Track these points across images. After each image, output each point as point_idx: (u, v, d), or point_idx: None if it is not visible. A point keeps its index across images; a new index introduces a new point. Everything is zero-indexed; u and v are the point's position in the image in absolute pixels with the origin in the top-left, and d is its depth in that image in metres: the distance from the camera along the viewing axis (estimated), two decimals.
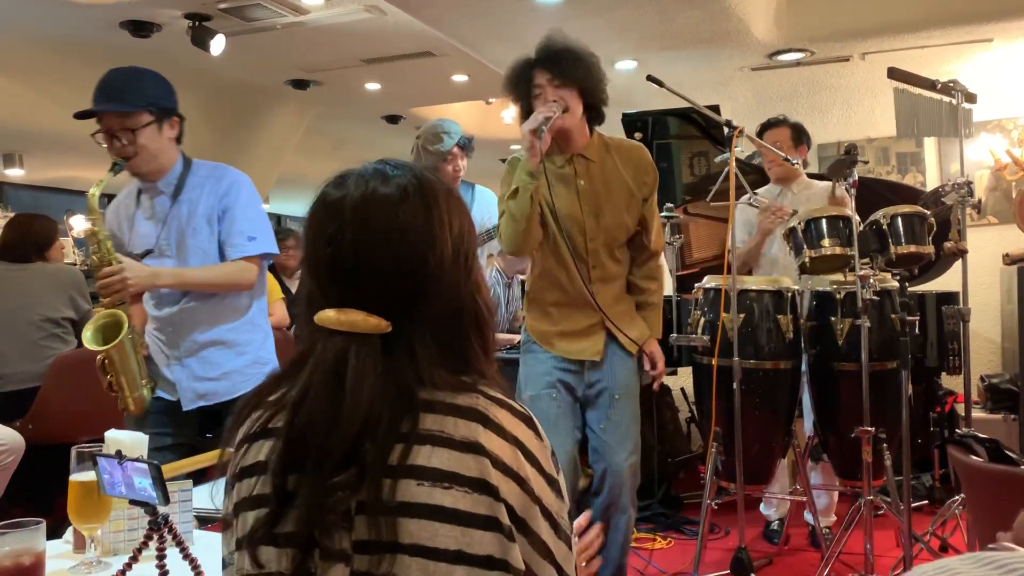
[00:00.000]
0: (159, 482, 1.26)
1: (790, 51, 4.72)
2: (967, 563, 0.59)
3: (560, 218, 2.45)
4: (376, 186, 0.95)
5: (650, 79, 2.81)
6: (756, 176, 3.62)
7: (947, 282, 4.00)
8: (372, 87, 6.17)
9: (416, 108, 6.92)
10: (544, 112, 2.33)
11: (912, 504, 2.90)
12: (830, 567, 2.96)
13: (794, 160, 3.22)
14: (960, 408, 3.77)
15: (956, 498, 3.05)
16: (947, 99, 3.35)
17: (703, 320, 3.04)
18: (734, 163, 2.87)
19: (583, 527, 1.20)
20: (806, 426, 3.29)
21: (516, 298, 3.84)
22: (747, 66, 4.97)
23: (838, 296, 2.96)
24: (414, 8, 4.14)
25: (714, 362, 2.88)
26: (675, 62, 4.82)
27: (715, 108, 3.23)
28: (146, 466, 1.27)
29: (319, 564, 0.88)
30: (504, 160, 2.70)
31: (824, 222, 2.88)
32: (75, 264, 6.01)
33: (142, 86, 2.23)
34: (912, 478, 3.15)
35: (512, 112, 6.83)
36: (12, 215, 4.95)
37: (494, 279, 3.77)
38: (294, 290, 4.82)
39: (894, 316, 2.91)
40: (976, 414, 4.08)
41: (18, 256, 3.68)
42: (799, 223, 2.93)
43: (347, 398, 0.89)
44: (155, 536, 1.31)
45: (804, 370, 3.06)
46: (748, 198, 3.19)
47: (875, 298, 2.78)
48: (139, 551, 1.34)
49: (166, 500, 1.28)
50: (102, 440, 1.53)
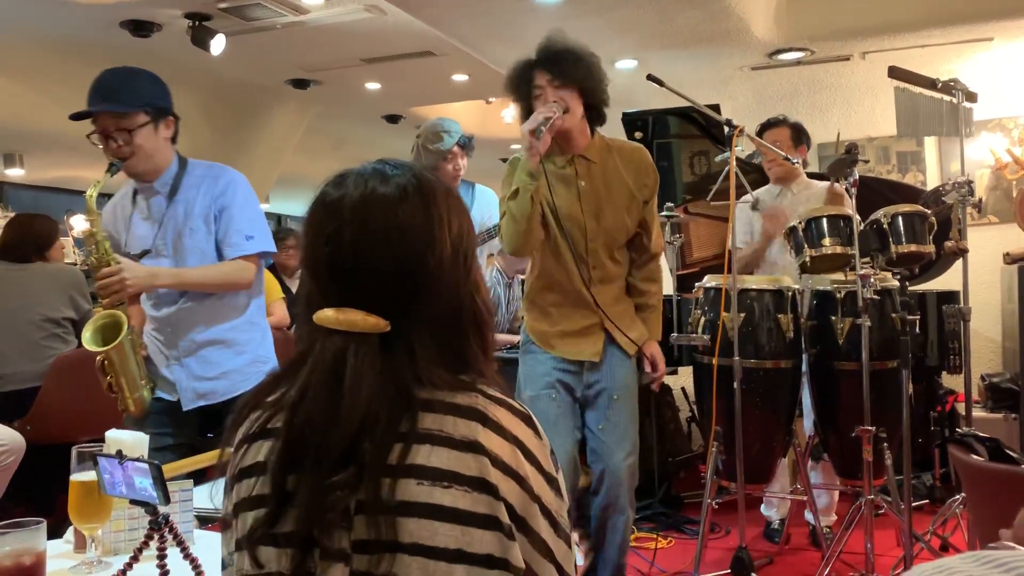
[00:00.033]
0: (160, 482, 1.26)
1: (790, 50, 4.71)
2: (967, 562, 0.59)
3: (560, 219, 2.45)
4: (375, 186, 0.95)
5: (650, 78, 2.81)
6: (756, 175, 3.62)
7: (948, 281, 4.00)
8: (372, 87, 6.16)
9: (416, 108, 6.92)
10: (544, 112, 2.33)
11: (913, 503, 2.90)
12: (831, 566, 2.96)
13: (794, 159, 3.22)
14: (961, 407, 3.77)
15: (957, 497, 3.04)
16: (948, 98, 3.35)
17: (703, 319, 3.04)
18: (734, 162, 2.87)
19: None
20: (806, 425, 3.29)
21: (517, 298, 3.83)
22: (747, 65, 4.96)
23: (839, 295, 2.96)
24: (414, 8, 4.14)
25: (714, 361, 2.89)
26: (675, 61, 4.81)
27: (715, 107, 3.23)
28: (147, 466, 1.27)
29: (319, 564, 0.88)
30: (505, 160, 2.70)
31: (825, 221, 2.88)
32: (75, 264, 6.01)
33: (138, 86, 2.22)
34: (913, 477, 3.15)
35: (512, 111, 6.84)
36: (12, 215, 4.95)
37: (495, 279, 3.76)
38: (294, 290, 4.82)
39: (895, 315, 2.91)
40: (977, 413, 4.08)
41: (18, 256, 3.68)
42: (799, 222, 2.94)
43: (345, 397, 0.89)
44: (156, 536, 1.31)
45: (804, 370, 3.06)
46: (749, 202, 3.19)
47: (876, 297, 2.78)
48: (140, 551, 1.34)
49: (167, 500, 1.28)
50: (103, 440, 1.53)
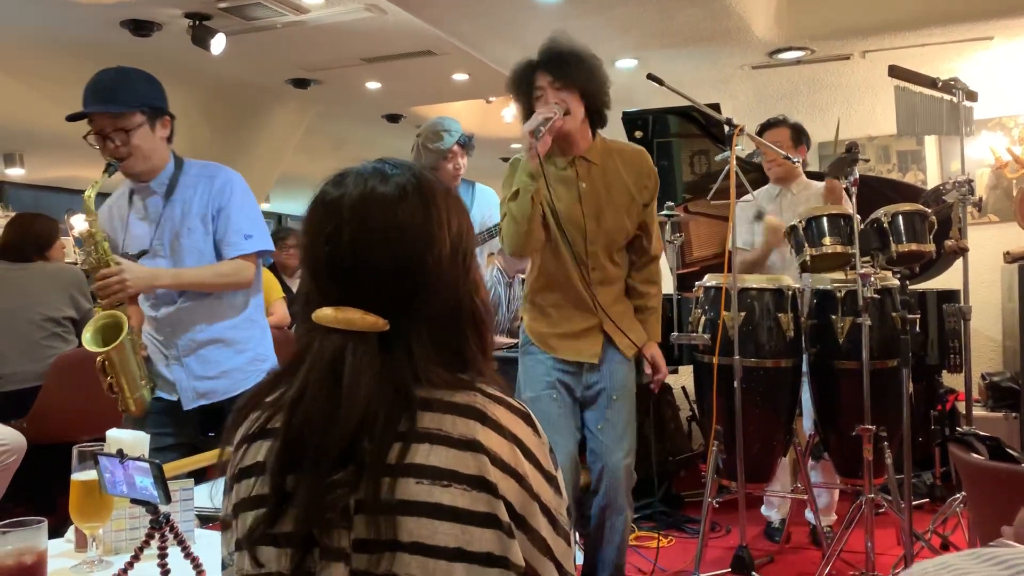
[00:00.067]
0: (160, 481, 1.27)
1: (790, 49, 4.71)
2: (968, 559, 0.59)
3: (561, 220, 2.45)
4: (375, 185, 0.95)
5: (650, 77, 2.81)
6: (757, 174, 3.62)
7: (948, 280, 4.00)
8: (372, 86, 6.16)
9: (416, 107, 6.92)
10: (544, 113, 2.33)
11: (913, 502, 2.90)
12: (831, 565, 2.96)
13: (795, 159, 3.22)
14: (961, 406, 3.77)
15: (957, 496, 3.04)
16: (948, 97, 3.34)
17: (704, 318, 3.04)
18: (735, 161, 2.87)
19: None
20: (805, 425, 3.29)
21: (517, 297, 3.83)
22: (747, 64, 4.96)
23: (839, 294, 2.96)
24: (414, 7, 4.14)
25: (715, 360, 2.89)
26: (675, 60, 4.81)
27: (715, 106, 3.22)
28: (147, 465, 1.27)
29: (319, 563, 0.88)
30: (506, 159, 2.70)
31: (825, 220, 2.88)
32: (76, 263, 6.01)
33: (134, 86, 2.22)
34: (913, 476, 3.15)
35: (512, 111, 6.84)
36: (13, 214, 4.95)
37: (495, 278, 3.76)
38: (294, 289, 4.82)
39: (895, 314, 2.91)
40: (977, 412, 4.07)
41: (19, 256, 3.68)
42: (800, 221, 2.93)
43: (344, 396, 0.89)
44: (157, 535, 1.31)
45: (805, 369, 3.06)
46: (750, 201, 3.19)
47: (876, 296, 2.78)
48: (141, 550, 1.34)
49: (167, 499, 1.28)
50: (103, 439, 1.53)
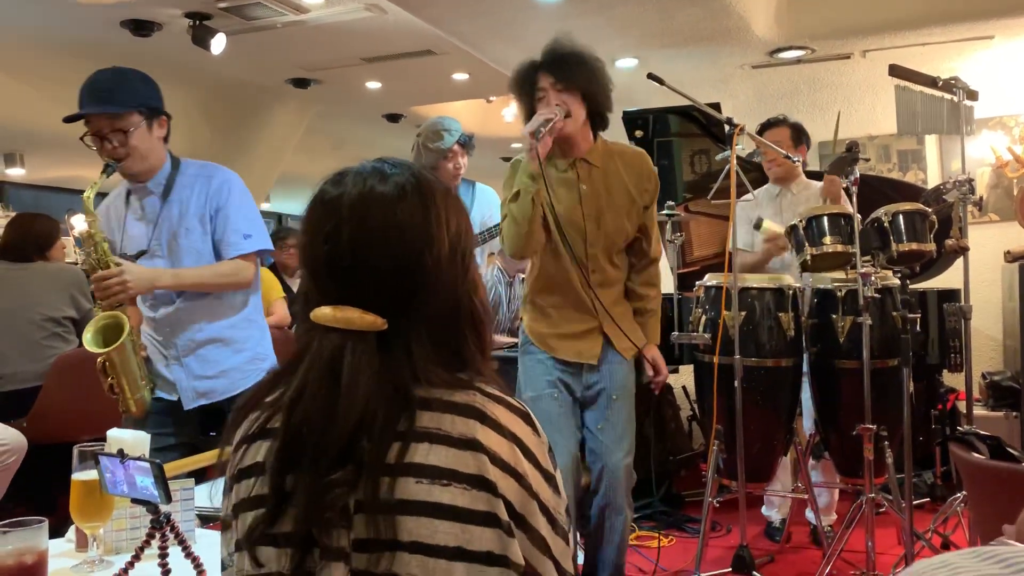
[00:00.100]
0: (161, 481, 1.27)
1: (791, 49, 4.70)
2: (969, 558, 0.59)
3: (561, 222, 2.45)
4: (374, 184, 0.95)
5: (651, 77, 2.81)
6: (757, 174, 3.62)
7: (948, 279, 3.99)
8: (373, 86, 6.16)
9: (417, 107, 6.92)
10: (544, 114, 2.32)
11: (914, 502, 2.90)
12: (832, 565, 2.96)
13: (795, 158, 3.22)
14: (962, 405, 3.77)
15: (958, 495, 3.04)
16: (948, 96, 3.34)
17: (704, 318, 3.04)
18: (735, 161, 2.87)
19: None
20: (805, 425, 3.29)
21: (518, 297, 3.83)
22: (748, 64, 4.96)
23: (839, 294, 2.96)
24: (414, 7, 4.14)
25: (715, 360, 2.88)
26: (676, 60, 4.81)
27: (716, 106, 3.22)
28: (148, 465, 1.27)
29: (318, 563, 0.88)
30: (506, 159, 2.70)
31: (825, 220, 2.88)
32: (76, 263, 6.01)
33: (131, 86, 2.21)
34: (913, 476, 3.15)
35: (513, 110, 6.84)
36: (13, 214, 4.95)
37: (495, 278, 3.76)
38: (295, 289, 4.82)
39: (895, 314, 2.91)
40: (977, 411, 4.07)
41: (19, 256, 3.67)
42: (800, 220, 2.93)
43: (343, 396, 0.89)
44: (157, 535, 1.31)
45: (805, 368, 3.06)
46: (751, 201, 3.18)
47: (876, 296, 2.78)
48: (141, 550, 1.34)
49: (168, 499, 1.28)
50: (104, 439, 1.53)
